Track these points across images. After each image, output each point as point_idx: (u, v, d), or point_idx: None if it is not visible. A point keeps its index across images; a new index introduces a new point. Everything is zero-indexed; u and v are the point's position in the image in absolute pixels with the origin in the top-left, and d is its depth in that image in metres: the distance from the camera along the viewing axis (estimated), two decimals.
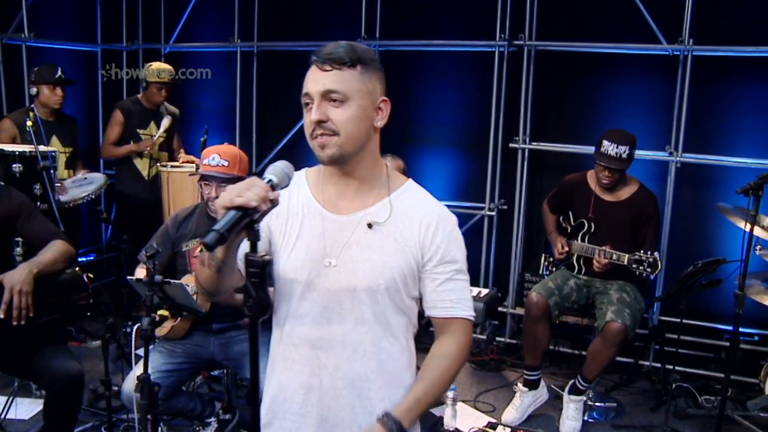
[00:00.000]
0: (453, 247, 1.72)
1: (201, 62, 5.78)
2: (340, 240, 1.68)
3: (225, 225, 1.38)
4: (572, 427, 3.86)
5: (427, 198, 1.77)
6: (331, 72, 1.60)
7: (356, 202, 1.72)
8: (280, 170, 1.53)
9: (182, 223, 3.30)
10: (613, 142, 3.83)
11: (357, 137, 1.64)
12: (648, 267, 3.66)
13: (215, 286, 1.68)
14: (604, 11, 4.68)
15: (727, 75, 4.45)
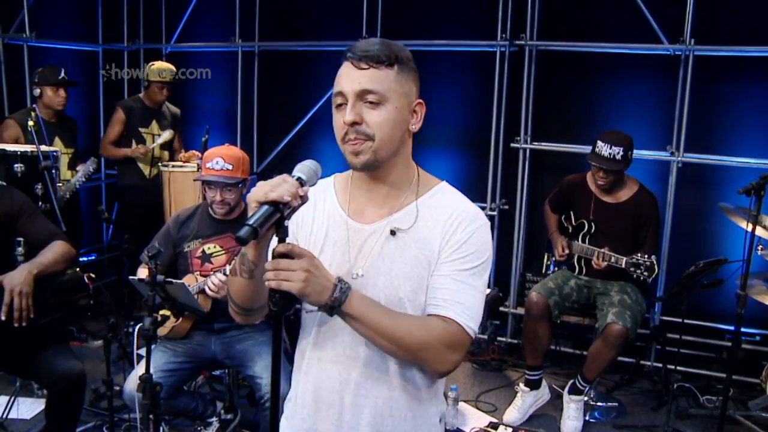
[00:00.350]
0: (471, 246, 1.57)
1: (202, 62, 5.79)
2: (365, 251, 1.61)
3: (258, 219, 1.35)
4: (573, 427, 3.86)
5: (456, 198, 1.65)
6: (368, 70, 1.51)
7: (384, 209, 1.63)
8: (309, 168, 1.49)
9: (184, 223, 3.30)
10: (607, 143, 3.84)
11: (392, 142, 1.56)
12: (645, 270, 3.68)
13: (250, 297, 1.59)
14: (606, 11, 4.68)
15: (728, 75, 4.45)
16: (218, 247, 3.24)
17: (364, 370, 1.61)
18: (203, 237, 3.26)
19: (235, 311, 1.67)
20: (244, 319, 1.69)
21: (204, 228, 3.28)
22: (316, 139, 5.68)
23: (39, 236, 2.97)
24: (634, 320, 3.75)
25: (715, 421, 3.97)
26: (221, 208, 3.21)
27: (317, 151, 5.69)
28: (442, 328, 1.54)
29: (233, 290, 1.62)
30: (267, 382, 2.98)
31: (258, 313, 1.67)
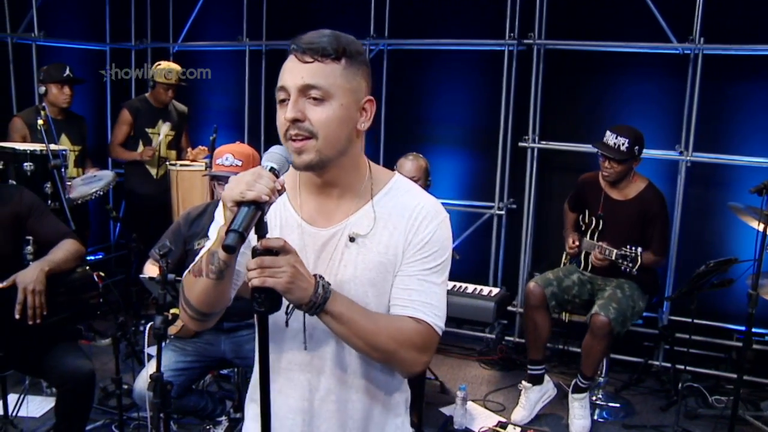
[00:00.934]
0: (436, 245, 1.52)
1: (209, 61, 5.79)
2: (323, 257, 1.53)
3: (242, 222, 1.28)
4: (581, 426, 3.85)
5: (412, 194, 1.57)
6: (312, 64, 1.41)
7: (337, 212, 1.54)
8: (279, 156, 1.39)
9: (194, 221, 3.30)
10: (614, 133, 3.88)
11: (337, 141, 1.45)
12: (630, 262, 3.70)
13: (213, 300, 1.49)
14: (614, 10, 4.66)
15: (737, 74, 4.42)
16: None
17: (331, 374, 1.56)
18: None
19: (190, 316, 1.54)
20: (199, 325, 1.57)
21: None
22: None
23: (49, 235, 2.98)
24: (621, 314, 3.74)
25: (724, 421, 3.95)
26: None
27: None
28: (413, 329, 1.50)
29: (193, 293, 1.49)
30: None
31: (214, 318, 1.58)
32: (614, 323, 3.68)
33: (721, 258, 3.82)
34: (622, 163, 3.88)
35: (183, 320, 1.58)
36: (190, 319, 1.56)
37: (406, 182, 1.61)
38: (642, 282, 3.94)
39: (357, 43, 1.48)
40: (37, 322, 2.71)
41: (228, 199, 1.32)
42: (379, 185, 1.57)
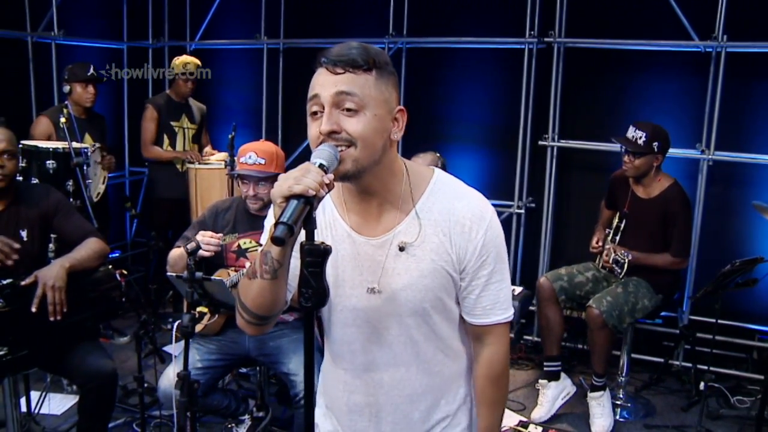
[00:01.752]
0: (489, 248, 1.57)
1: (226, 60, 5.82)
2: (375, 265, 1.56)
3: (291, 215, 1.28)
4: (601, 425, 3.82)
5: (455, 196, 1.59)
6: (343, 75, 1.42)
7: (383, 222, 1.57)
8: (328, 153, 1.38)
9: (220, 214, 3.30)
10: (635, 127, 3.88)
11: (374, 151, 1.46)
12: (619, 267, 3.77)
13: (269, 302, 1.50)
14: (635, 7, 4.63)
15: (760, 71, 4.38)
16: (254, 242, 3.24)
17: (394, 370, 1.62)
18: (240, 231, 3.25)
19: (248, 321, 1.54)
20: (255, 329, 1.57)
21: (241, 222, 3.27)
22: None
23: (74, 233, 2.99)
24: (615, 308, 3.73)
25: (747, 422, 3.94)
26: (255, 203, 3.20)
27: None
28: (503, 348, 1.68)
29: (249, 296, 1.50)
30: (302, 379, 2.95)
31: (272, 322, 1.58)
32: (606, 316, 3.68)
33: (745, 257, 3.79)
34: (639, 157, 3.86)
35: (240, 326, 1.57)
36: (247, 324, 1.56)
37: (446, 180, 1.62)
38: (654, 281, 3.90)
39: (385, 54, 1.49)
40: (58, 318, 2.71)
41: (277, 195, 1.33)
42: (419, 188, 1.58)
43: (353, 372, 1.65)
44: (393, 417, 1.66)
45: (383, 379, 1.63)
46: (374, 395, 1.65)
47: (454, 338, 1.67)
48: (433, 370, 1.65)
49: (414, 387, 1.64)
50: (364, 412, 1.67)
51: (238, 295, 1.55)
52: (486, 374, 1.69)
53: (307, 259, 1.35)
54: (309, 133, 1.47)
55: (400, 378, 1.63)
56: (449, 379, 1.69)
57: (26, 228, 2.93)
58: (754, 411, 4.03)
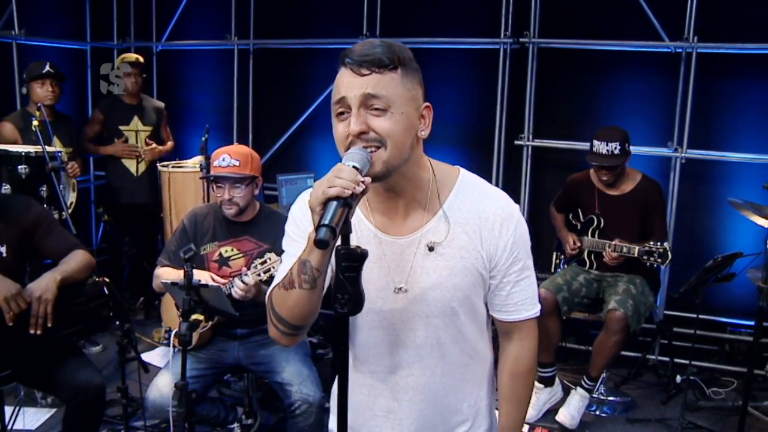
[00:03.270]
0: (518, 245, 1.58)
1: (196, 60, 5.70)
2: (403, 265, 1.55)
3: (332, 217, 1.26)
4: (570, 416, 3.83)
5: (483, 195, 1.59)
6: (370, 76, 1.39)
7: (409, 221, 1.56)
8: (359, 155, 1.36)
9: (200, 221, 3.22)
10: (603, 141, 3.88)
11: (403, 149, 1.45)
12: (659, 257, 3.73)
13: (307, 312, 1.47)
14: (608, 9, 4.70)
15: (730, 71, 4.49)
16: (236, 250, 3.18)
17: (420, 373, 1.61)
18: (220, 240, 3.19)
19: (283, 332, 1.51)
20: (290, 340, 1.54)
21: (221, 230, 3.20)
22: (313, 138, 5.62)
23: (58, 248, 2.86)
24: (636, 310, 3.77)
25: (724, 412, 4.05)
26: (230, 207, 3.12)
27: (314, 151, 5.64)
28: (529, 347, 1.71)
29: (286, 307, 1.47)
30: (298, 389, 2.93)
31: (305, 331, 1.56)
32: (631, 319, 3.71)
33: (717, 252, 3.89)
34: (618, 167, 3.93)
35: (274, 337, 1.54)
36: (282, 335, 1.53)
37: (472, 179, 1.63)
38: (650, 277, 3.98)
39: (408, 50, 1.47)
40: (38, 332, 2.59)
41: (315, 203, 1.32)
42: (446, 187, 1.58)
43: (379, 375, 1.63)
44: (417, 424, 1.64)
45: (408, 383, 1.61)
46: (398, 400, 1.63)
47: (480, 340, 1.67)
48: (457, 372, 1.64)
49: (438, 390, 1.63)
50: (388, 419, 1.65)
51: (272, 306, 1.52)
52: (512, 369, 1.70)
53: (343, 264, 1.33)
54: (336, 133, 1.45)
55: (425, 382, 1.61)
56: (472, 383, 1.68)
57: (5, 243, 2.78)
58: (730, 401, 4.17)
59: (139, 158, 4.92)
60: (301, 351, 3.16)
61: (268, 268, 2.99)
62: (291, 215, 1.64)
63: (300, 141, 5.64)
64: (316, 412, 2.94)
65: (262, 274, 2.99)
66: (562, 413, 3.86)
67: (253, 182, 3.16)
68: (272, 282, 1.57)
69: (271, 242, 3.16)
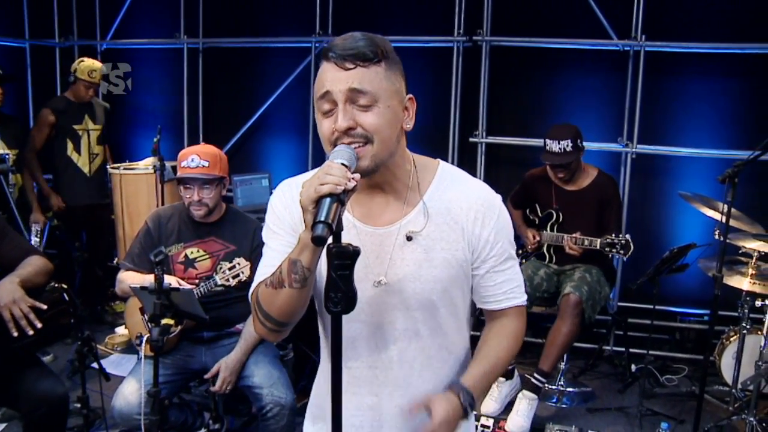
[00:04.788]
0: (502, 235, 1.57)
1: (143, 60, 5.55)
2: (382, 256, 1.53)
3: (326, 213, 1.26)
4: (519, 425, 3.69)
5: (463, 186, 1.58)
6: (354, 70, 1.38)
7: (389, 212, 1.55)
8: (346, 152, 1.36)
9: (164, 223, 3.14)
10: (555, 140, 3.95)
11: (390, 143, 1.45)
12: (621, 249, 3.81)
13: (295, 310, 1.46)
14: (559, 8, 4.80)
15: (677, 69, 4.65)
16: (202, 251, 3.11)
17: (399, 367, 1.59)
18: (185, 241, 3.12)
19: (270, 329, 1.51)
20: (276, 336, 1.54)
21: (186, 231, 3.13)
22: (266, 138, 5.56)
23: (13, 256, 2.74)
24: (591, 297, 3.85)
25: (678, 397, 4.19)
26: (199, 208, 3.06)
27: (267, 150, 5.57)
28: (516, 322, 1.66)
29: (275, 306, 1.46)
30: (269, 392, 2.90)
31: (292, 326, 1.54)
32: (585, 304, 3.79)
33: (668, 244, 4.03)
34: (573, 163, 4.01)
35: (260, 333, 1.52)
36: (269, 332, 1.51)
37: (452, 171, 1.62)
38: (606, 268, 4.09)
39: (389, 43, 1.46)
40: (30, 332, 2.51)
41: (308, 202, 1.31)
42: (426, 179, 1.57)
43: (358, 370, 1.60)
44: (397, 419, 1.61)
45: (388, 377, 1.59)
46: (378, 395, 1.60)
47: (458, 336, 1.65)
48: (435, 366, 1.61)
49: (418, 385, 1.60)
50: (368, 414, 1.62)
51: (260, 305, 1.49)
52: (498, 330, 1.66)
53: (335, 262, 1.32)
54: (321, 130, 1.43)
55: (405, 376, 1.59)
56: (450, 377, 1.66)
57: None
58: (683, 387, 4.32)
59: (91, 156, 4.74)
60: (270, 353, 3.12)
61: (237, 273, 2.95)
62: (270, 207, 1.61)
63: (252, 141, 5.56)
64: (288, 414, 2.91)
65: (231, 280, 2.94)
66: (512, 421, 3.73)
67: (222, 183, 3.10)
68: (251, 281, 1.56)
69: (237, 243, 3.11)
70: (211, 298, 2.98)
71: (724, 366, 4.00)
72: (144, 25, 5.64)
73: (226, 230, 3.15)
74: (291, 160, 5.51)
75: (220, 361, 2.99)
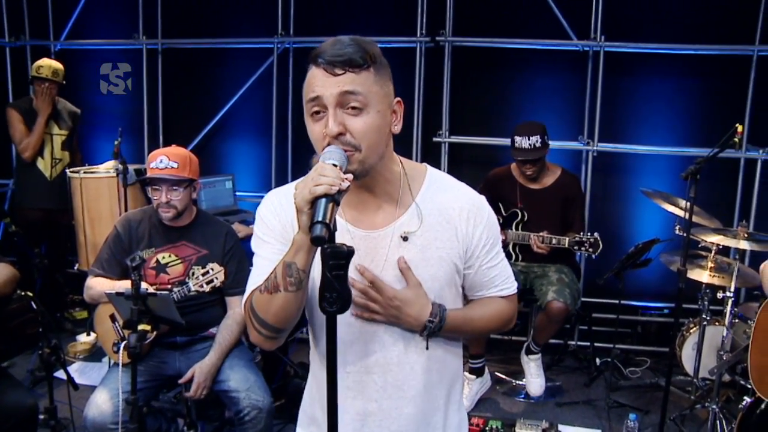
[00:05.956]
0: (492, 232, 1.62)
1: (99, 60, 5.41)
2: (377, 259, 1.54)
3: (323, 213, 1.27)
4: (539, 385, 4.14)
5: (453, 189, 1.62)
6: (344, 76, 1.39)
7: (382, 215, 1.56)
8: (337, 153, 1.37)
9: (134, 227, 3.08)
10: (524, 136, 4.03)
11: (378, 148, 1.45)
12: (590, 247, 3.90)
13: (291, 314, 1.46)
14: (520, 9, 4.87)
15: (635, 69, 4.76)
16: (174, 256, 3.06)
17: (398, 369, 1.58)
18: (156, 246, 3.06)
19: (266, 336, 1.50)
20: (272, 343, 1.53)
21: (156, 236, 3.08)
22: (228, 140, 5.50)
23: None
24: (573, 297, 3.97)
25: (642, 389, 4.31)
26: (167, 211, 3.01)
27: (230, 152, 5.51)
28: (507, 306, 1.70)
29: (271, 311, 1.45)
30: (246, 395, 2.87)
31: (288, 332, 1.54)
32: (571, 307, 3.90)
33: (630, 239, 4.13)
34: (541, 159, 4.08)
35: (256, 342, 1.52)
36: (265, 339, 1.51)
37: (440, 175, 1.66)
38: (574, 266, 4.18)
39: (376, 46, 1.47)
40: None
41: (303, 203, 1.32)
42: (416, 182, 1.60)
43: (354, 376, 1.58)
44: (397, 425, 1.60)
45: (387, 382, 1.58)
46: (377, 401, 1.59)
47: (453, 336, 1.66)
48: (434, 367, 1.62)
49: (418, 388, 1.60)
50: (366, 422, 1.60)
51: (255, 312, 1.48)
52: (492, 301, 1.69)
53: (330, 263, 1.32)
54: (312, 133, 1.44)
55: (403, 378, 1.58)
56: (447, 377, 1.67)
57: None
58: (647, 379, 4.44)
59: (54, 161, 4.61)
60: (245, 357, 3.09)
61: (211, 279, 2.91)
62: (258, 216, 1.60)
63: (214, 142, 5.49)
64: (265, 417, 2.88)
65: (204, 286, 2.90)
66: (531, 385, 4.15)
67: (191, 185, 3.06)
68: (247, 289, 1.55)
69: (209, 247, 3.07)
70: (183, 303, 2.93)
71: (685, 357, 4.12)
72: (100, 25, 5.50)
73: (197, 234, 3.10)
74: (254, 161, 5.46)
75: (195, 366, 2.94)
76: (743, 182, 4.66)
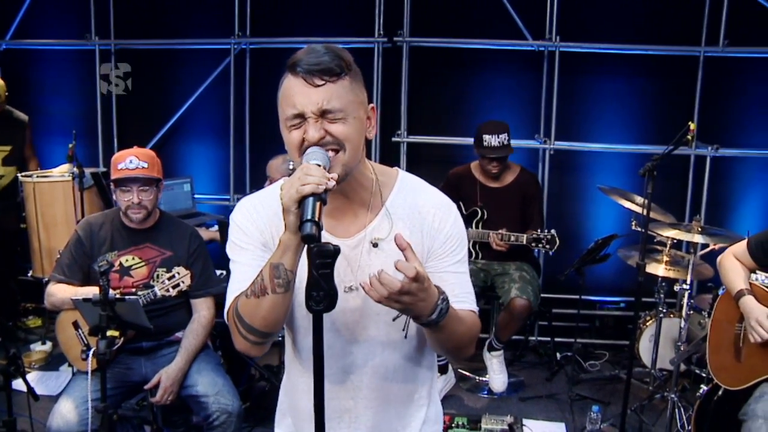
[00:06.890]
0: (456, 238, 1.60)
1: (48, 62, 5.27)
2: (352, 264, 1.55)
3: (311, 212, 1.28)
4: (502, 381, 4.20)
5: (422, 193, 1.63)
6: (324, 87, 1.40)
7: (355, 221, 1.57)
8: (320, 154, 1.39)
9: (95, 231, 3.01)
10: (493, 134, 4.10)
11: (358, 152, 1.48)
12: (547, 244, 3.98)
13: (280, 317, 1.45)
14: (476, 9, 4.92)
15: (589, 69, 4.87)
16: (137, 258, 3.01)
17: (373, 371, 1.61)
18: (119, 249, 3.01)
19: (253, 342, 1.49)
20: (259, 349, 1.51)
21: (119, 239, 3.02)
22: (185, 142, 5.41)
23: None
24: (535, 294, 4.05)
25: (602, 381, 4.40)
26: (138, 211, 2.96)
27: (187, 154, 5.43)
28: (475, 321, 1.61)
29: (259, 316, 1.44)
30: (215, 399, 2.84)
31: (274, 337, 1.53)
32: (533, 304, 3.97)
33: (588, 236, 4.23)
34: (506, 157, 4.14)
35: (242, 350, 1.50)
36: (252, 345, 1.50)
37: (411, 178, 1.67)
38: (533, 263, 4.25)
39: (348, 53, 1.48)
40: None
41: (290, 203, 1.33)
42: (387, 186, 1.61)
43: (333, 377, 1.59)
44: (373, 421, 1.64)
45: (363, 382, 1.61)
46: (354, 398, 1.62)
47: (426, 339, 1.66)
48: (408, 368, 1.65)
49: (392, 387, 1.64)
50: (344, 419, 1.64)
51: (241, 318, 1.47)
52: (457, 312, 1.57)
53: (317, 261, 1.33)
54: (289, 140, 1.45)
55: (380, 379, 1.62)
56: (421, 375, 1.71)
57: None
58: (606, 371, 4.55)
59: None
60: (213, 361, 3.06)
61: (177, 283, 2.87)
62: (234, 223, 1.60)
63: (170, 145, 5.40)
64: (235, 421, 2.85)
65: (171, 290, 2.86)
66: (494, 382, 4.21)
67: (158, 186, 3.02)
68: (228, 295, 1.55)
69: (173, 249, 3.04)
70: (148, 307, 2.87)
71: (642, 349, 4.23)
72: (49, 25, 5.34)
73: (161, 236, 3.06)
74: (212, 163, 5.39)
75: (161, 371, 2.90)
76: (693, 178, 4.81)
